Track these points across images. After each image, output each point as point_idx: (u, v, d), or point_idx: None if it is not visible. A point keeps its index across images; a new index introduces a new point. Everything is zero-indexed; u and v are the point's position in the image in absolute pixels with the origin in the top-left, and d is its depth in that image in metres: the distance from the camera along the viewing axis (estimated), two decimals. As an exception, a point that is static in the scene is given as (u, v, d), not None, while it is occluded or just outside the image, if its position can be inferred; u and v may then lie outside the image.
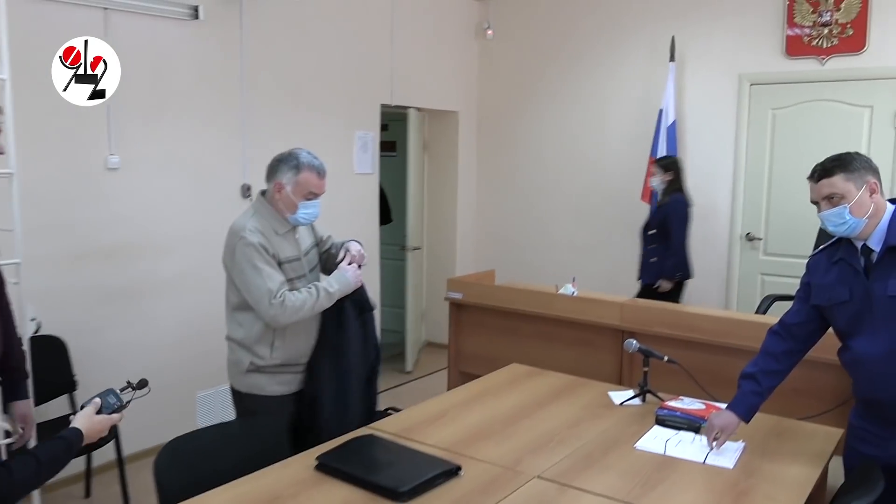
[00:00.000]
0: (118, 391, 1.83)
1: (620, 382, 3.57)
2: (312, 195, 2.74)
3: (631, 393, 2.97)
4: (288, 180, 2.71)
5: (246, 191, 4.55)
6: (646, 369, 2.96)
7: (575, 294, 3.90)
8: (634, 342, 2.98)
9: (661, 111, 5.47)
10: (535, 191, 6.33)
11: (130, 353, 4.05)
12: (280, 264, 2.72)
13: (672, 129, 5.46)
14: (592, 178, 6.03)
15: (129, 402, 1.83)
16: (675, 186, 5.06)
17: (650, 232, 5.15)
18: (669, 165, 5.09)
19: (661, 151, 5.44)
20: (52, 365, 3.58)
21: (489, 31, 6.42)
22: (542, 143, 6.28)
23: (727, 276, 5.52)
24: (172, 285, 4.25)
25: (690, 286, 5.15)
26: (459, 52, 6.42)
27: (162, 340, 4.22)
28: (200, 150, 4.37)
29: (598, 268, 5.93)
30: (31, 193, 3.55)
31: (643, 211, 5.64)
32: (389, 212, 6.09)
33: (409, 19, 5.78)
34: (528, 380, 3.22)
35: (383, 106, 5.64)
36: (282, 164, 2.74)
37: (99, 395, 1.79)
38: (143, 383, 1.93)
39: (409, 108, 5.88)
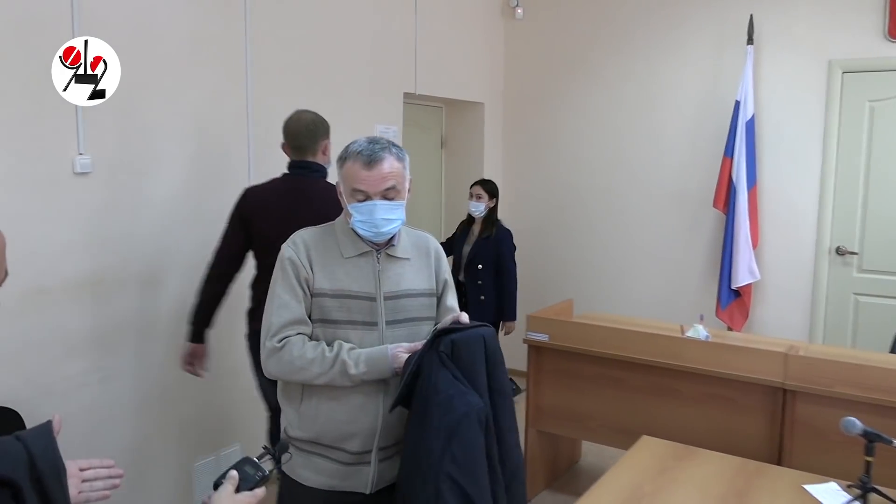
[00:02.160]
0: (256, 460, 1.47)
1: (780, 460, 2.71)
2: (360, 195, 1.90)
3: (841, 492, 2.14)
4: (340, 179, 1.97)
5: (253, 200, 3.55)
6: (869, 459, 2.11)
7: (709, 339, 3.01)
8: (857, 423, 2.12)
9: (737, 103, 4.63)
10: (571, 195, 5.44)
11: (106, 418, 3.04)
12: (320, 296, 1.93)
13: (751, 125, 4.63)
14: (644, 181, 5.17)
15: (272, 471, 1.49)
16: (496, 215, 4.62)
17: (478, 266, 4.50)
18: (495, 191, 4.62)
19: (739, 150, 4.61)
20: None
21: (518, 10, 5.51)
22: (580, 139, 5.39)
23: (812, 298, 4.70)
24: (162, 324, 3.24)
25: (763, 310, 4.34)
26: (484, 35, 5.49)
27: (148, 396, 3.21)
28: (196, 149, 3.36)
29: (648, 287, 5.10)
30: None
31: (710, 219, 4.83)
32: None
33: (433, -7, 4.82)
34: (681, 463, 2.38)
35: (406, 96, 4.69)
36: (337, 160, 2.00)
37: (234, 468, 1.45)
38: (283, 447, 1.60)
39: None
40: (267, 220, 2.84)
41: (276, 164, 3.72)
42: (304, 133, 2.94)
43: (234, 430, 3.60)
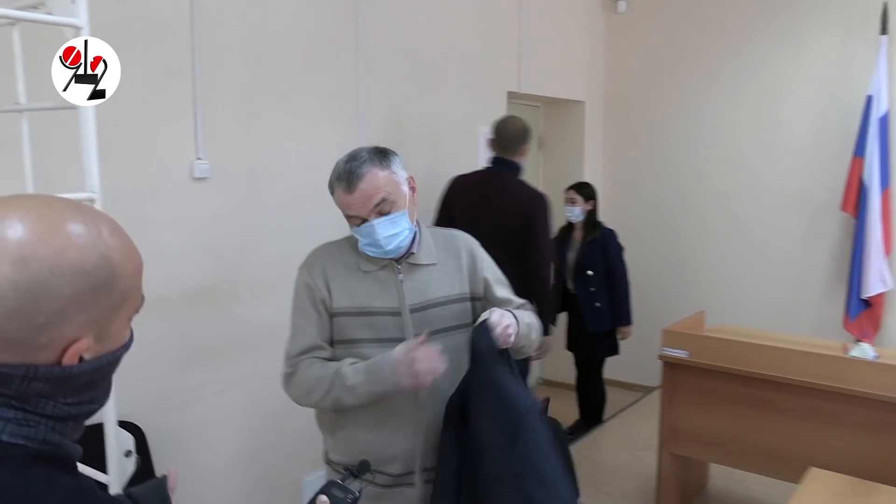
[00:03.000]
0: (342, 482, 1.36)
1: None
2: (356, 219, 1.76)
3: None
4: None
5: (363, 205, 3.40)
6: None
7: (878, 359, 2.72)
8: None
9: (868, 98, 4.28)
10: (679, 198, 5.14)
11: (219, 431, 2.93)
12: (341, 315, 1.79)
13: (884, 122, 4.28)
14: (761, 183, 4.83)
15: (361, 492, 1.38)
16: (596, 218, 4.41)
17: (587, 273, 4.29)
18: (592, 193, 4.40)
19: (871, 149, 4.27)
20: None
21: (621, 3, 5.25)
22: (689, 138, 5.09)
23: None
24: (275, 335, 3.10)
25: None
26: (584, 31, 5.24)
27: (261, 409, 3.09)
28: (309, 152, 3.23)
29: (767, 295, 4.77)
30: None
31: (835, 223, 4.49)
32: None
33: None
34: (864, 501, 2.09)
35: (510, 95, 4.49)
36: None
37: (323, 492, 1.33)
38: (364, 466, 1.49)
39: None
40: (463, 203, 3.39)
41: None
42: (511, 135, 3.45)
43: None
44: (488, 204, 3.33)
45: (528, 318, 1.86)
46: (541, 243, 3.33)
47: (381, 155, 1.77)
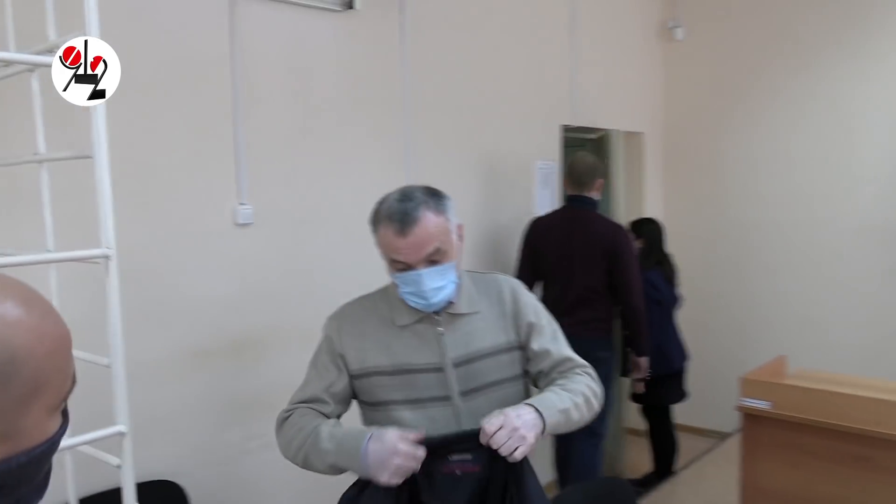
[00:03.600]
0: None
1: None
2: (399, 266, 1.61)
3: None
4: (376, 241, 1.69)
5: (414, 247, 3.25)
6: None
7: None
8: None
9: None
10: (744, 232, 4.85)
11: (268, 488, 2.77)
12: (377, 375, 1.64)
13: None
14: (834, 215, 4.52)
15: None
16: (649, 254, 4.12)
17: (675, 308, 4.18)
18: (641, 230, 4.18)
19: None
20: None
21: (678, 31, 5.05)
22: (753, 169, 4.81)
23: None
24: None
25: None
26: (640, 60, 5.05)
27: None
28: (355, 193, 3.11)
29: (846, 335, 4.43)
30: (119, 268, 2.36)
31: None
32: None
33: (589, 19, 4.44)
34: None
35: (564, 129, 4.32)
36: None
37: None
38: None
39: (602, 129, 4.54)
40: (547, 244, 3.51)
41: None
42: (583, 170, 3.53)
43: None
44: (571, 241, 3.44)
45: (572, 391, 1.58)
46: (629, 274, 3.41)
47: (437, 198, 1.63)
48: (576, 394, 1.57)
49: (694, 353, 4.31)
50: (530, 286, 3.46)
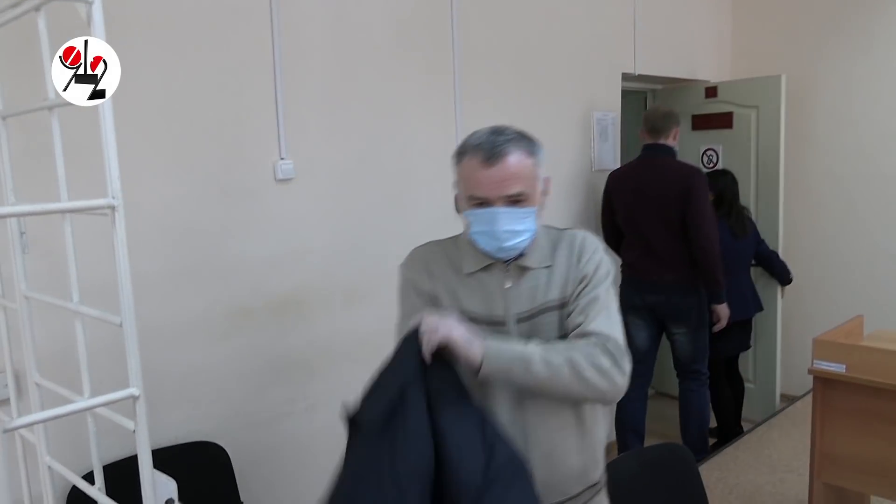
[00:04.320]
0: None
1: None
2: (477, 201, 1.49)
3: None
4: (456, 180, 1.57)
5: (462, 203, 3.12)
6: None
7: None
8: None
9: None
10: (828, 185, 4.52)
11: (312, 449, 2.73)
12: None
13: None
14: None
15: None
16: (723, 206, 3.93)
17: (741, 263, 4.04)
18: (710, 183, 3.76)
19: None
20: (209, 488, 2.31)
21: (749, -29, 4.71)
22: (836, 118, 4.46)
23: None
24: (368, 345, 2.88)
25: None
26: (707, 3, 4.73)
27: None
28: (402, 147, 2.99)
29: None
30: (158, 226, 2.31)
31: None
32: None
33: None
34: None
35: (624, 76, 4.09)
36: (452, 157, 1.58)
37: None
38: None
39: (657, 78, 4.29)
40: (622, 193, 3.59)
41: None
42: (660, 118, 3.58)
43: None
44: (647, 188, 3.50)
45: (555, 350, 1.42)
46: (701, 214, 3.42)
47: (530, 141, 1.53)
48: (557, 353, 1.41)
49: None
50: (614, 241, 3.66)
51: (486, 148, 1.46)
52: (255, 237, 2.55)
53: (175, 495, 1.35)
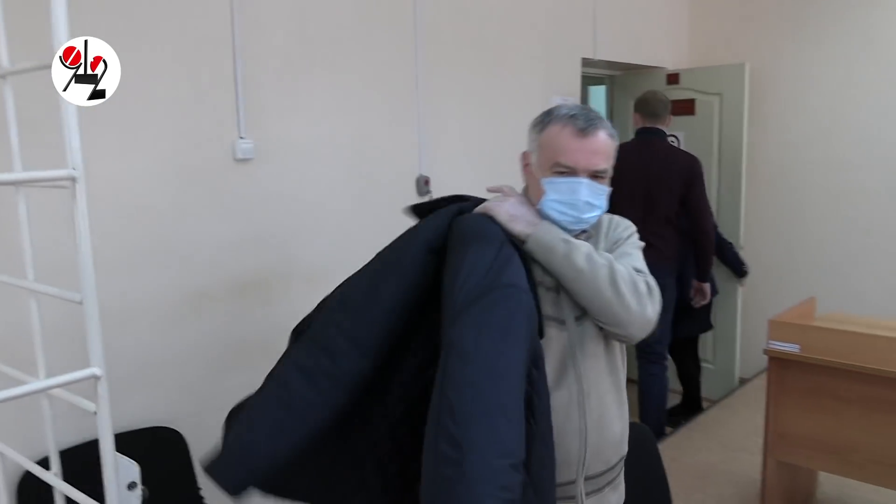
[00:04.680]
0: None
1: None
2: (562, 169, 1.50)
3: None
4: (533, 147, 1.58)
5: (424, 185, 3.10)
6: None
7: None
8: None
9: None
10: (777, 172, 4.62)
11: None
12: None
13: None
14: (877, 156, 4.27)
15: None
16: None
17: None
18: None
19: None
20: (166, 473, 2.26)
21: (705, -41, 4.77)
22: (789, 107, 4.55)
23: None
24: (329, 330, 2.85)
25: None
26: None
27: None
28: (361, 127, 2.96)
29: (884, 280, 4.24)
30: (113, 205, 2.25)
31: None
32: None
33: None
34: None
35: (585, 62, 4.11)
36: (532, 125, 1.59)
37: None
38: None
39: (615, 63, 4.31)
40: (622, 173, 3.33)
41: (448, 142, 3.31)
42: (657, 102, 3.77)
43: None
44: (646, 171, 3.61)
45: (600, 254, 1.46)
46: (703, 200, 3.68)
47: (612, 128, 1.56)
48: (602, 257, 1.45)
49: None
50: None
51: (581, 117, 1.49)
52: (214, 218, 2.49)
53: (138, 479, 1.31)
